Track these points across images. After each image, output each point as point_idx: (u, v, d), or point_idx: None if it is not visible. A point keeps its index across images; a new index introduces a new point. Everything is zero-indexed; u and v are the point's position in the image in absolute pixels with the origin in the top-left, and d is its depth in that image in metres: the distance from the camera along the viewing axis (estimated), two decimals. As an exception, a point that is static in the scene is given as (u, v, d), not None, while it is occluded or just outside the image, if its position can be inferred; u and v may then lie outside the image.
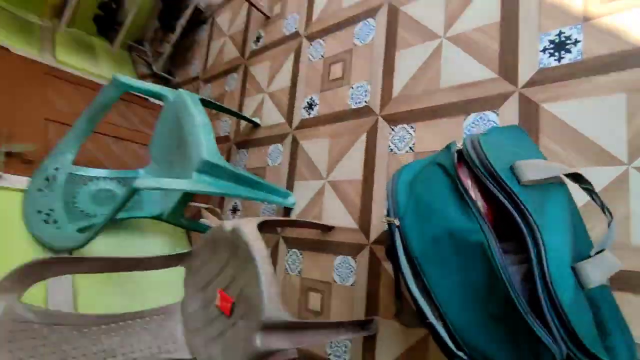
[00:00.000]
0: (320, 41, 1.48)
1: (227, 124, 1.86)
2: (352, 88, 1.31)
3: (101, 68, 2.07)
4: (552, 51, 0.88)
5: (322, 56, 1.46)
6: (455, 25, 1.07)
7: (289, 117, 1.52)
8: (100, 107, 1.26)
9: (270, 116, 1.61)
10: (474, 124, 0.98)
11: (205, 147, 1.13)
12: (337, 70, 1.38)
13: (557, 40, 0.88)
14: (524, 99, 0.90)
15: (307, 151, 1.40)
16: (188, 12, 2.06)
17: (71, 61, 1.91)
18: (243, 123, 1.75)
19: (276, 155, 1.53)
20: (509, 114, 0.92)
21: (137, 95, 1.90)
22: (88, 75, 1.94)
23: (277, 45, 1.69)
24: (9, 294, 0.78)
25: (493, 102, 0.95)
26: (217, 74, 2.02)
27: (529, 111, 0.88)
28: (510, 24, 0.96)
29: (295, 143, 1.46)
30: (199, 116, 1.21)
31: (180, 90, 1.31)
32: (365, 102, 1.25)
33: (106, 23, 2.04)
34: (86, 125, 1.29)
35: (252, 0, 1.78)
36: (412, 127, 1.11)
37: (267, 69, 1.70)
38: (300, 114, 1.48)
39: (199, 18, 2.26)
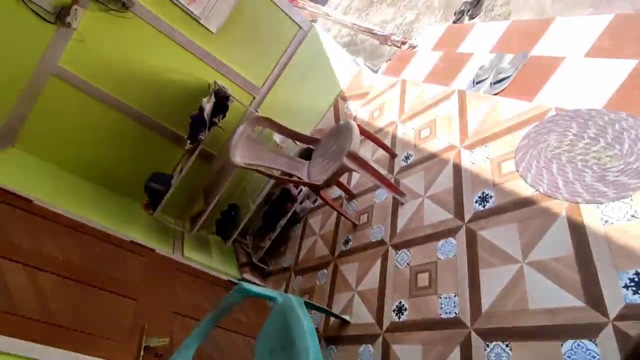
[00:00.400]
0: (406, 250, 1.73)
1: (316, 316, 2.01)
2: (440, 298, 1.45)
3: (213, 260, 2.49)
4: (634, 288, 0.99)
5: (408, 264, 1.68)
6: (532, 253, 1.25)
7: (379, 318, 1.65)
8: (225, 309, 1.51)
9: (360, 314, 1.75)
10: (573, 351, 1.03)
11: (313, 353, 1.27)
12: (424, 279, 1.56)
13: (636, 279, 0.99)
14: (619, 331, 0.97)
15: (400, 357, 1.46)
16: (288, 215, 2.53)
17: (194, 256, 2.35)
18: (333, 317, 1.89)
19: (367, 358, 1.59)
20: (608, 346, 0.97)
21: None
22: (203, 268, 2.34)
23: (364, 249, 1.97)
24: None
25: (588, 331, 1.02)
26: (308, 268, 2.30)
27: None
28: (586, 258, 1.12)
29: (386, 346, 1.54)
30: (306, 321, 1.39)
31: (289, 295, 1.55)
32: (455, 313, 1.37)
33: (223, 225, 2.56)
34: (209, 324, 1.52)
35: (340, 210, 2.19)
36: (507, 345, 1.17)
37: (356, 269, 1.94)
38: (390, 316, 1.61)
39: (294, 218, 2.73)
